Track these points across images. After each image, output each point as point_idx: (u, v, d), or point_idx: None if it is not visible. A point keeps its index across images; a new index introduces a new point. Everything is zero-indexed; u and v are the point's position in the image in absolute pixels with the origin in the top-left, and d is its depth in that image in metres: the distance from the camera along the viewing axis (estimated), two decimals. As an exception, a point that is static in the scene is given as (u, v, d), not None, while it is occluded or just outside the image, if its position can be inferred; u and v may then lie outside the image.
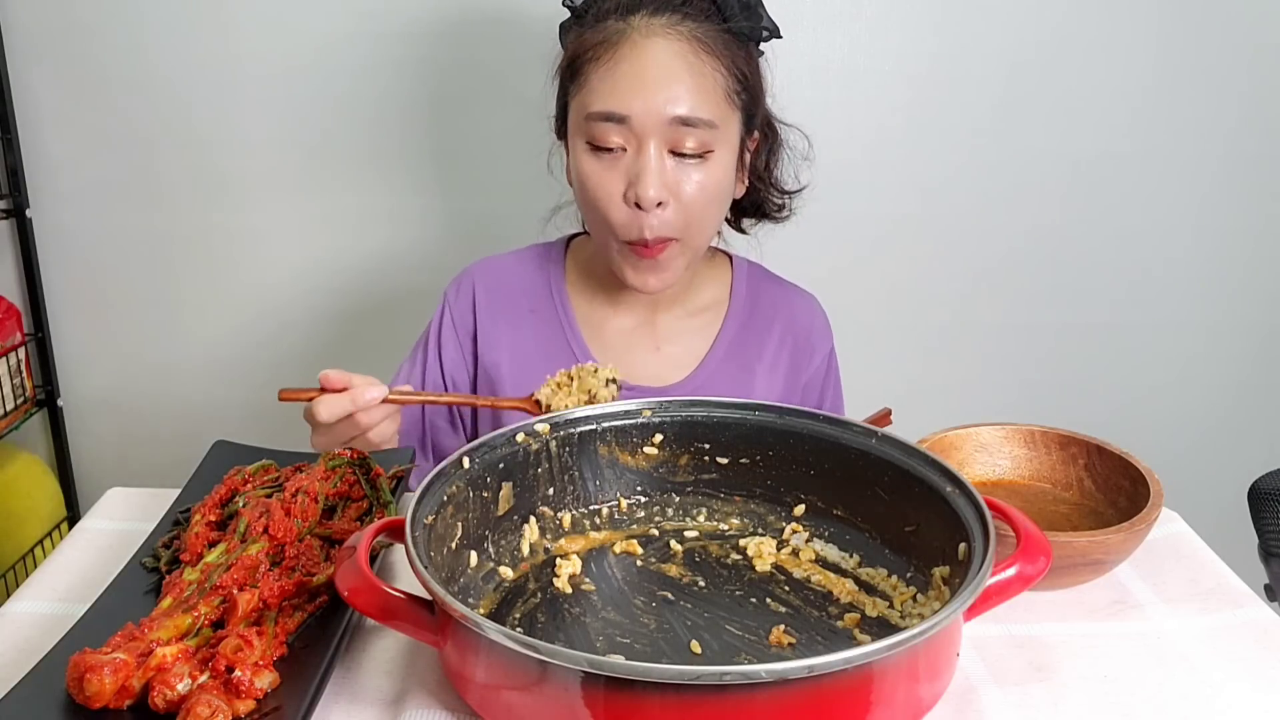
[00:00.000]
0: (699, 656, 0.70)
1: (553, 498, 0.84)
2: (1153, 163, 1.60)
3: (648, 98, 0.96)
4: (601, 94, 0.97)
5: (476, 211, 1.59)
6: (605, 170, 0.99)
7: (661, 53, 0.96)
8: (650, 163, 0.97)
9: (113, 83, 1.53)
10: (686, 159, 0.98)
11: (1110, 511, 0.87)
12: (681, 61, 0.96)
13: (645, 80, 0.96)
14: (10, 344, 1.56)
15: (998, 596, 0.66)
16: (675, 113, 0.96)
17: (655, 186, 0.97)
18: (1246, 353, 1.71)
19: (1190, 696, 0.68)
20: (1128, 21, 1.52)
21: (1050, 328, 1.67)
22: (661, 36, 0.97)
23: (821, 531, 0.83)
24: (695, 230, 1.02)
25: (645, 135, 0.97)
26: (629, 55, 0.97)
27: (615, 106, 0.96)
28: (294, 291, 1.64)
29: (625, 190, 0.99)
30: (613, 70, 0.97)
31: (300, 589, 0.71)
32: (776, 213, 1.15)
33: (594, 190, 1.00)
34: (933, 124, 1.56)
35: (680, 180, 0.98)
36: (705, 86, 0.97)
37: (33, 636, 0.73)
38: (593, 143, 0.99)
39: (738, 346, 1.13)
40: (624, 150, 0.98)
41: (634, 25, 0.98)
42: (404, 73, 1.52)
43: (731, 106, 1.00)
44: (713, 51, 0.98)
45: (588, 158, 1.00)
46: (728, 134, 1.00)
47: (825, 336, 1.17)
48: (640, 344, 1.12)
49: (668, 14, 0.98)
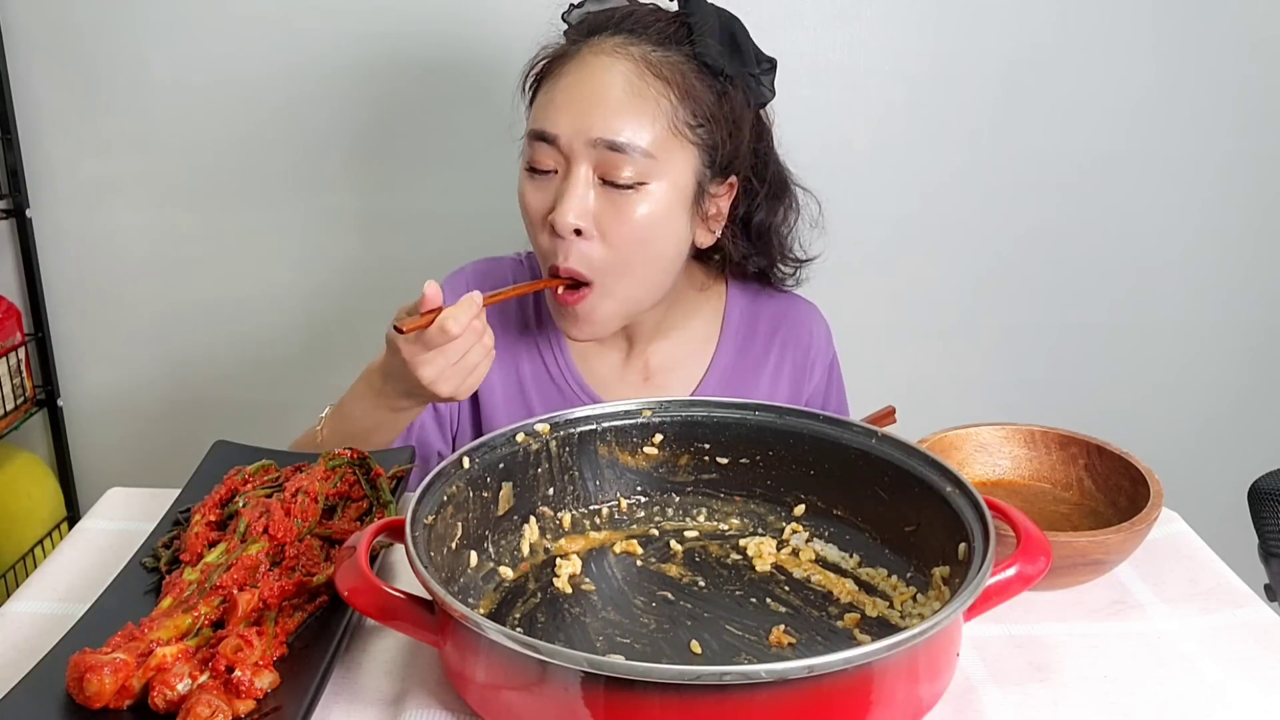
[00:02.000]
0: (699, 656, 0.70)
1: (553, 498, 0.84)
2: (1152, 163, 1.60)
3: (576, 116, 0.90)
4: (539, 111, 0.94)
5: (477, 212, 1.58)
6: (536, 191, 0.94)
7: (602, 71, 0.91)
8: (572, 186, 0.91)
9: (113, 83, 1.53)
10: (619, 188, 0.91)
11: (1110, 511, 0.87)
12: (621, 81, 0.91)
13: (578, 98, 0.91)
14: (10, 344, 1.56)
15: (998, 596, 0.66)
16: (602, 135, 0.90)
17: (573, 211, 0.91)
18: (1246, 353, 1.71)
19: (1190, 696, 0.68)
20: (1127, 21, 1.52)
21: (1050, 328, 1.67)
22: (608, 55, 0.92)
23: (821, 531, 0.83)
24: (620, 271, 0.94)
25: (573, 157, 0.91)
26: (571, 72, 0.93)
27: (546, 125, 0.92)
28: (294, 291, 1.64)
29: (547, 213, 0.93)
30: (553, 87, 0.93)
31: (300, 589, 0.71)
32: (780, 281, 1.10)
33: (525, 212, 0.96)
34: (932, 124, 1.56)
35: (606, 211, 0.92)
36: (644, 111, 0.91)
37: (33, 636, 0.73)
38: (529, 162, 0.95)
39: (734, 374, 1.10)
40: (555, 172, 0.93)
41: (589, 44, 0.93)
42: (403, 73, 1.52)
43: (679, 138, 0.93)
44: (662, 76, 0.92)
45: (524, 178, 0.96)
46: (671, 168, 0.93)
47: (826, 350, 1.14)
48: (628, 375, 1.09)
49: (627, 35, 0.93)
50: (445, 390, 0.87)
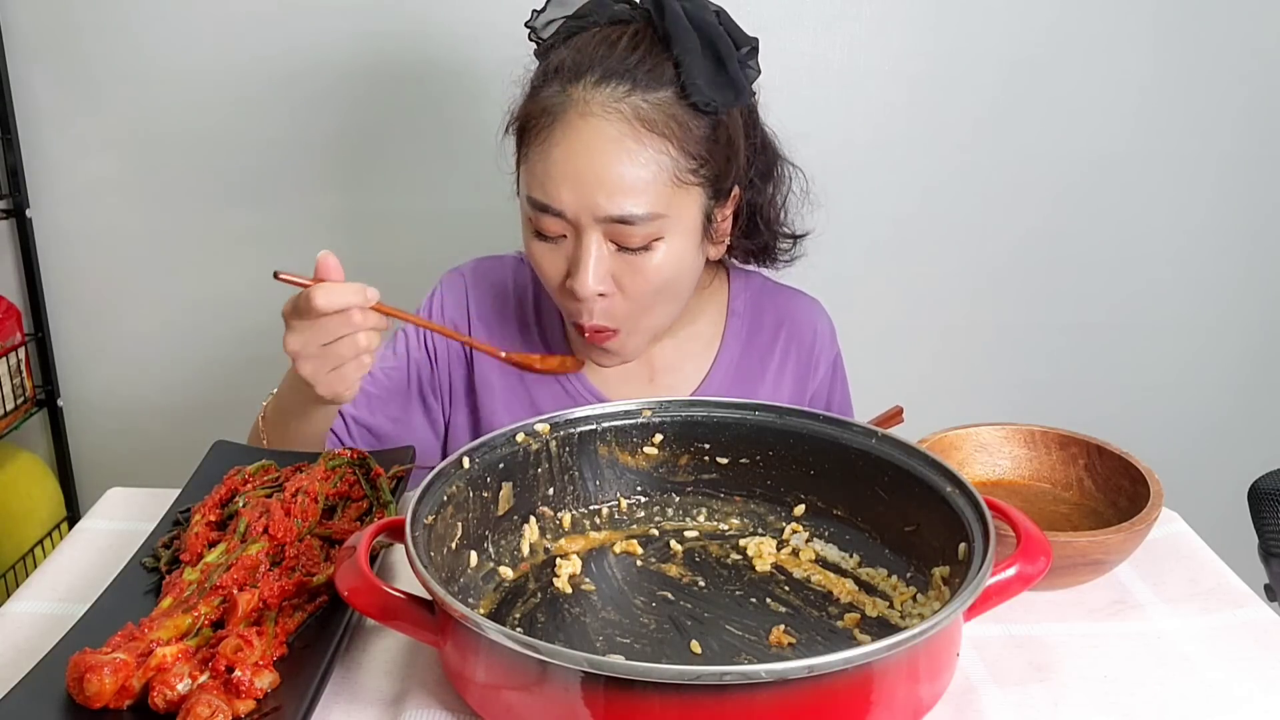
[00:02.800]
0: (699, 656, 0.70)
1: (553, 498, 0.84)
2: (1153, 163, 1.60)
3: (580, 193, 0.88)
4: (537, 180, 0.91)
5: (477, 212, 1.58)
6: (549, 253, 0.94)
7: (595, 138, 0.88)
8: (586, 256, 0.90)
9: (113, 83, 1.53)
10: (632, 251, 0.91)
11: (1110, 511, 0.87)
12: (617, 149, 0.88)
13: (575, 172, 0.88)
14: (10, 344, 1.56)
15: (998, 596, 0.66)
16: (608, 212, 0.88)
17: (593, 279, 0.91)
18: (1246, 353, 1.71)
19: (1190, 696, 0.68)
20: (1128, 21, 1.52)
21: (1050, 328, 1.67)
22: (600, 117, 0.88)
23: (821, 531, 0.83)
24: (643, 315, 0.96)
25: (582, 228, 0.90)
26: (562, 139, 0.89)
27: (548, 199, 0.90)
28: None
29: (564, 279, 0.93)
30: (546, 154, 0.90)
31: (300, 589, 0.71)
32: (782, 257, 1.10)
33: (540, 271, 0.96)
34: (932, 124, 1.56)
35: (623, 271, 0.92)
36: (644, 177, 0.88)
37: (33, 636, 0.73)
38: (534, 225, 0.93)
39: (739, 372, 1.10)
40: (564, 237, 0.92)
41: (574, 98, 0.89)
42: (402, 73, 1.52)
43: (679, 186, 0.91)
44: (658, 131, 0.88)
45: (532, 239, 0.95)
46: (681, 217, 0.92)
47: (830, 346, 1.14)
48: (633, 374, 1.09)
49: (613, 84, 0.88)
50: (305, 370, 0.84)
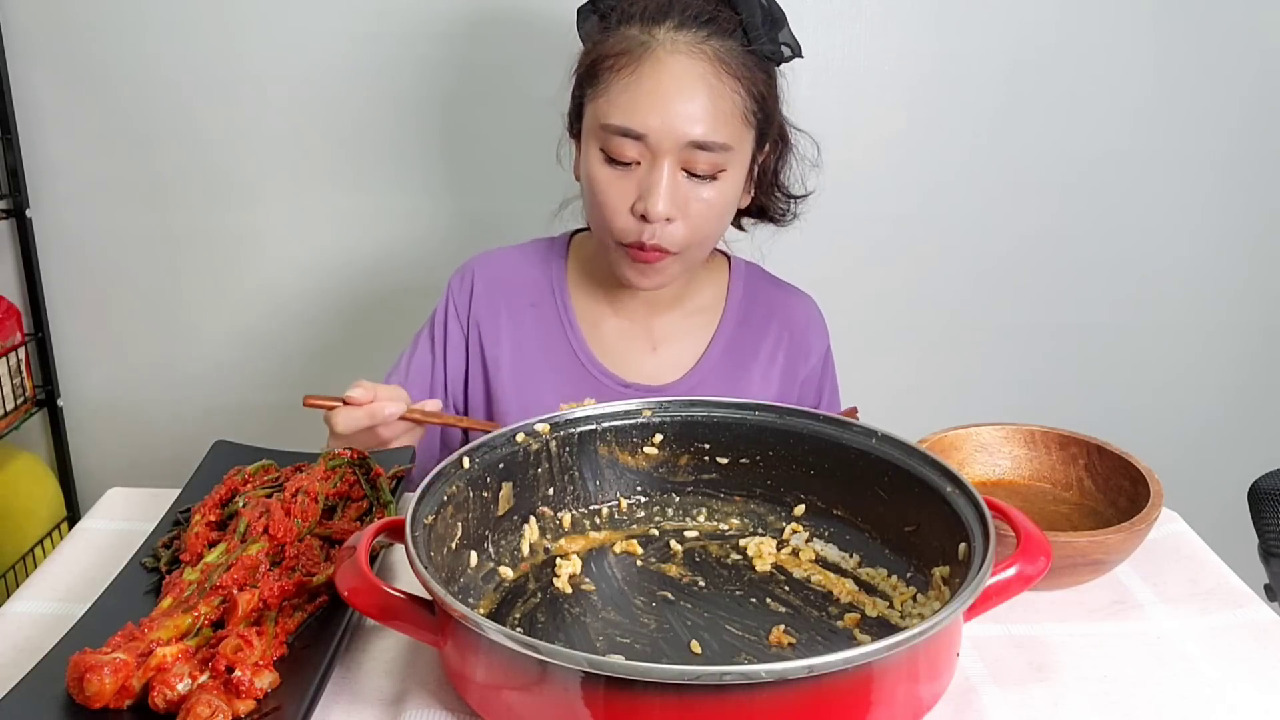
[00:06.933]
0: (699, 656, 0.70)
1: (553, 498, 0.84)
2: (1154, 163, 1.60)
3: (667, 118, 0.95)
4: (620, 107, 0.97)
5: (480, 209, 1.59)
6: (617, 179, 0.99)
7: (684, 73, 0.96)
8: (663, 180, 0.97)
9: (113, 83, 1.53)
10: (699, 178, 0.99)
11: (1110, 511, 0.87)
12: (703, 83, 0.96)
13: (666, 99, 0.95)
14: (10, 344, 1.56)
15: (998, 596, 0.66)
16: (693, 135, 0.96)
17: (666, 204, 0.97)
18: (1246, 353, 1.71)
19: (1190, 696, 0.68)
20: (1129, 21, 1.52)
21: (1050, 328, 1.67)
22: (685, 55, 0.96)
23: (821, 531, 0.83)
24: (696, 246, 1.03)
25: (660, 153, 0.97)
26: (651, 72, 0.96)
27: (633, 123, 0.96)
28: (295, 291, 1.64)
29: (635, 202, 0.99)
30: (633, 85, 0.97)
31: (300, 589, 0.71)
32: (780, 217, 1.15)
33: (602, 196, 1.01)
34: (933, 124, 1.56)
35: (690, 198, 0.99)
36: (723, 109, 0.97)
37: (33, 636, 0.73)
38: (607, 152, 0.99)
39: (734, 347, 1.14)
40: (638, 164, 0.98)
41: (658, 39, 0.97)
42: (406, 70, 1.52)
43: (746, 126, 1.00)
44: (734, 73, 0.97)
45: (601, 165, 1.00)
46: (741, 154, 1.01)
47: (821, 336, 1.18)
48: (637, 344, 1.13)
49: (693, 29, 0.97)
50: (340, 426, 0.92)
